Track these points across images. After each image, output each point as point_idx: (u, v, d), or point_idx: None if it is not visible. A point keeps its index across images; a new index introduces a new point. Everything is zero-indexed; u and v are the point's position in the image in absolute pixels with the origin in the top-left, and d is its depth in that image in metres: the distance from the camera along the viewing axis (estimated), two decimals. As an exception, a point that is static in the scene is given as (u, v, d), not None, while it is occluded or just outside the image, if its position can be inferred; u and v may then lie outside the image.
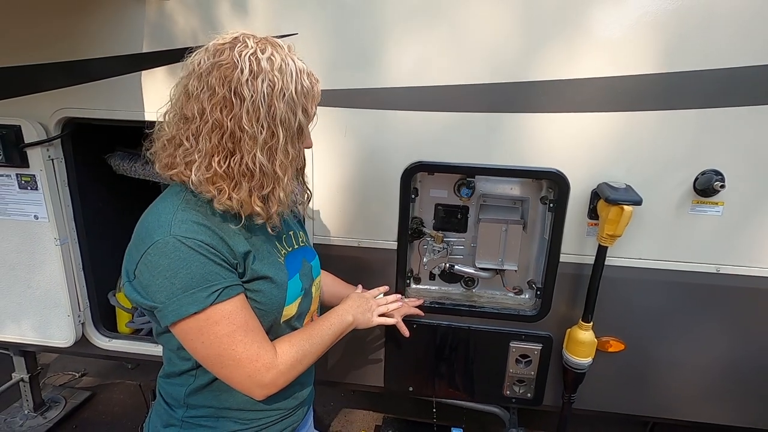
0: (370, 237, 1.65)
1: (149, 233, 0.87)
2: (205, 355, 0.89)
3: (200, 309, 0.85)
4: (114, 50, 1.59)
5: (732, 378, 1.65)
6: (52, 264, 1.83)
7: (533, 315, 1.65)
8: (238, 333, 0.88)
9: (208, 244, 0.86)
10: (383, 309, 1.22)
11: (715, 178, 1.40)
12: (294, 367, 0.97)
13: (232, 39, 0.88)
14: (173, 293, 0.84)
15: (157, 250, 0.84)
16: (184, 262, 0.84)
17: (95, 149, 1.96)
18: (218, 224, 0.90)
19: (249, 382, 0.92)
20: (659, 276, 1.54)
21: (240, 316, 0.89)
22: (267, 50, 0.87)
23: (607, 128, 1.43)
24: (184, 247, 0.84)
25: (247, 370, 0.90)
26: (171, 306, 0.85)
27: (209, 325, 0.86)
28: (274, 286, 0.97)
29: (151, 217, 0.90)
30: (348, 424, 2.57)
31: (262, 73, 0.84)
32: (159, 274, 0.84)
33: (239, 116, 0.84)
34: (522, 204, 1.65)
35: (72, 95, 1.66)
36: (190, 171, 0.87)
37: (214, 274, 0.86)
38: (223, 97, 0.84)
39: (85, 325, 1.96)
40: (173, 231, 0.85)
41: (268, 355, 0.92)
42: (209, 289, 0.85)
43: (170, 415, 1.04)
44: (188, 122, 0.87)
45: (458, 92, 1.46)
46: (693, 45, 1.34)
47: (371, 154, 1.56)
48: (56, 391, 2.74)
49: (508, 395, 1.77)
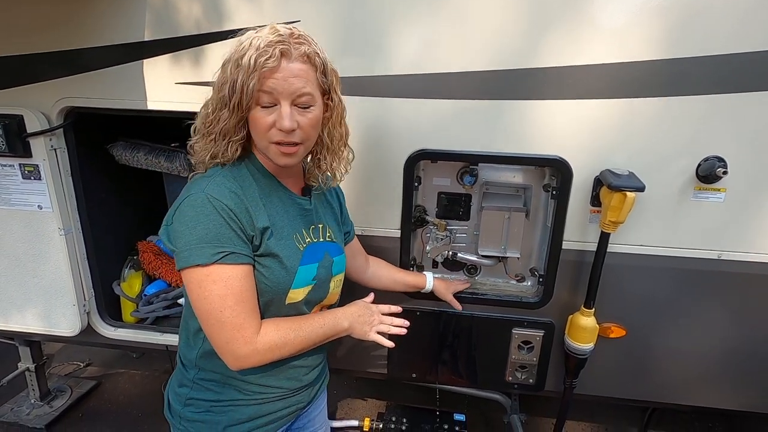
0: (374, 225, 1.66)
1: (189, 188, 0.99)
2: (198, 308, 0.97)
3: (204, 263, 0.92)
4: (116, 38, 1.58)
5: (731, 363, 1.66)
6: (57, 254, 1.84)
7: (535, 302, 1.67)
8: (229, 298, 0.94)
9: (232, 210, 0.94)
10: (384, 328, 1.16)
11: (717, 164, 1.40)
12: (272, 350, 1.00)
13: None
14: (189, 242, 0.93)
15: (189, 202, 0.95)
16: (206, 218, 0.93)
17: (98, 139, 1.96)
18: (249, 196, 0.99)
19: (226, 347, 0.97)
20: (661, 262, 1.55)
21: (237, 284, 0.95)
22: (247, 34, 0.96)
23: (610, 115, 1.43)
24: (209, 206, 0.93)
25: (227, 336, 0.96)
26: (183, 253, 0.94)
27: (208, 281, 0.94)
28: (283, 267, 1.02)
29: (197, 178, 1.02)
30: (351, 411, 2.60)
31: (229, 53, 0.96)
32: (183, 223, 0.94)
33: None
34: (525, 191, 1.65)
35: (74, 84, 1.66)
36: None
37: (226, 237, 0.94)
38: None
39: (90, 314, 1.97)
40: (207, 189, 0.95)
41: (250, 330, 0.97)
42: (217, 248, 0.93)
43: (183, 375, 1.12)
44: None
45: (461, 79, 1.46)
46: (696, 30, 1.34)
47: (374, 142, 1.56)
48: (62, 381, 2.77)
49: (510, 381, 1.79)
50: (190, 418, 1.09)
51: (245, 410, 1.09)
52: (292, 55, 0.93)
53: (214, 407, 1.08)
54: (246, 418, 1.09)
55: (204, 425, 1.08)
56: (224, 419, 1.08)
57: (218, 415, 1.08)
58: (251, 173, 1.04)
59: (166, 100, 1.61)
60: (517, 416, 2.04)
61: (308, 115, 0.98)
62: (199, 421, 1.08)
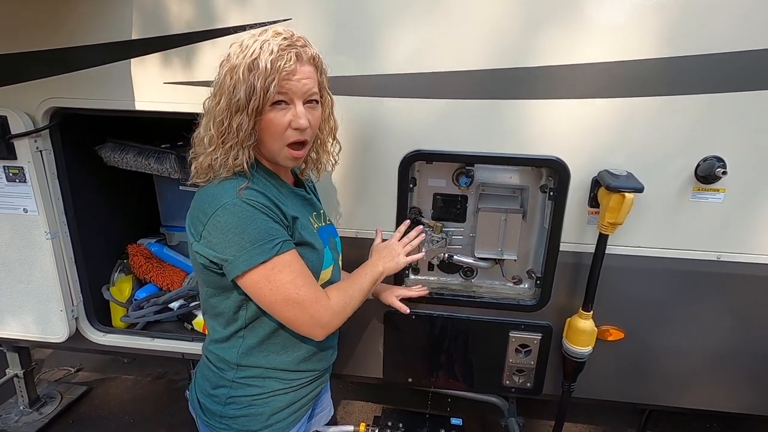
0: (368, 228, 1.63)
1: (215, 199, 0.99)
2: (273, 300, 1.01)
3: (267, 258, 0.97)
4: (102, 37, 1.54)
5: (730, 365, 1.65)
6: (44, 258, 1.79)
7: (533, 305, 1.64)
8: (299, 279, 1.02)
9: (267, 206, 1.00)
10: (408, 248, 1.33)
11: (717, 164, 1.38)
12: (344, 309, 1.11)
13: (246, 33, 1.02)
14: (243, 246, 0.96)
15: (225, 210, 0.97)
16: (251, 219, 0.97)
17: (86, 140, 1.92)
18: (272, 193, 1.05)
19: (312, 321, 1.05)
20: (660, 264, 1.53)
21: (298, 265, 1.03)
22: (246, 38, 0.98)
23: (607, 115, 1.41)
24: (249, 208, 0.97)
25: (310, 311, 1.03)
26: (242, 257, 0.97)
27: (275, 273, 0.99)
28: (314, 252, 1.11)
29: (213, 189, 1.02)
30: (347, 415, 2.57)
31: (229, 56, 0.99)
32: (229, 231, 0.96)
33: (210, 95, 1.03)
34: (521, 193, 1.63)
35: (60, 84, 1.61)
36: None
37: (275, 229, 1.00)
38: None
39: (78, 319, 1.93)
40: (239, 194, 0.98)
41: (323, 299, 1.06)
42: (273, 242, 0.99)
43: (220, 377, 1.15)
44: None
45: (456, 79, 1.43)
46: (695, 29, 1.32)
47: (368, 142, 1.53)
48: (52, 387, 2.72)
49: (508, 385, 1.77)
50: (233, 415, 1.14)
51: (284, 398, 1.17)
52: (304, 59, 1.00)
53: (257, 400, 1.14)
54: (285, 405, 1.17)
55: (248, 419, 1.14)
56: (267, 410, 1.15)
57: (261, 407, 1.14)
58: (260, 175, 1.09)
59: (155, 101, 1.58)
60: (514, 419, 2.02)
61: (315, 113, 1.06)
62: (243, 416, 1.14)
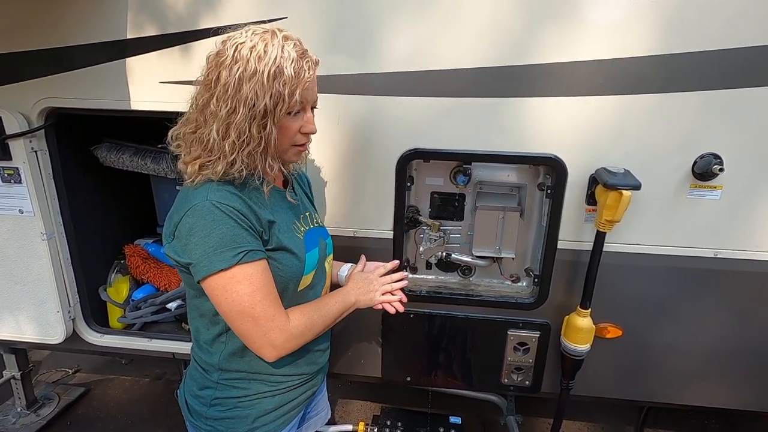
0: (366, 226, 1.63)
1: (189, 199, 0.97)
2: (228, 310, 0.99)
3: (227, 266, 0.94)
4: (98, 36, 1.53)
5: (728, 362, 1.65)
6: (40, 259, 1.78)
7: (531, 303, 1.64)
8: (257, 293, 0.97)
9: (239, 210, 0.96)
10: (387, 288, 1.22)
11: (714, 161, 1.38)
12: (303, 334, 1.06)
13: (241, 32, 0.97)
14: (206, 251, 0.94)
15: (194, 212, 0.95)
16: (218, 224, 0.94)
17: (82, 140, 1.91)
18: (249, 195, 1.01)
19: (264, 340, 1.01)
20: (657, 261, 1.53)
21: (260, 279, 0.98)
22: (254, 40, 0.94)
23: (605, 112, 1.41)
24: (218, 211, 0.94)
25: (263, 329, 0.99)
26: (203, 262, 0.95)
27: (233, 283, 0.96)
28: (294, 256, 1.07)
29: (191, 191, 1.00)
30: (346, 415, 2.57)
31: (241, 59, 0.93)
32: (195, 233, 0.94)
33: (211, 95, 0.95)
34: (519, 191, 1.63)
35: (55, 84, 1.61)
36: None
37: (241, 237, 0.96)
38: (208, 80, 0.97)
39: (75, 321, 1.92)
40: (210, 196, 0.95)
41: (282, 319, 1.01)
42: (236, 250, 0.95)
43: (206, 378, 1.13)
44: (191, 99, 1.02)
45: (453, 77, 1.43)
46: (691, 26, 1.32)
47: (365, 141, 1.53)
48: (49, 388, 2.70)
49: (506, 383, 1.77)
50: (218, 416, 1.12)
51: (272, 400, 1.14)
52: (315, 66, 1.01)
53: (242, 402, 1.12)
54: (273, 408, 1.14)
55: (233, 421, 1.12)
56: (253, 412, 1.12)
57: (246, 409, 1.12)
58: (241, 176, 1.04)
59: (151, 100, 1.57)
60: (513, 417, 2.02)
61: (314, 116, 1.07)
62: (228, 417, 1.12)
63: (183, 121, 1.03)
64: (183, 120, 1.03)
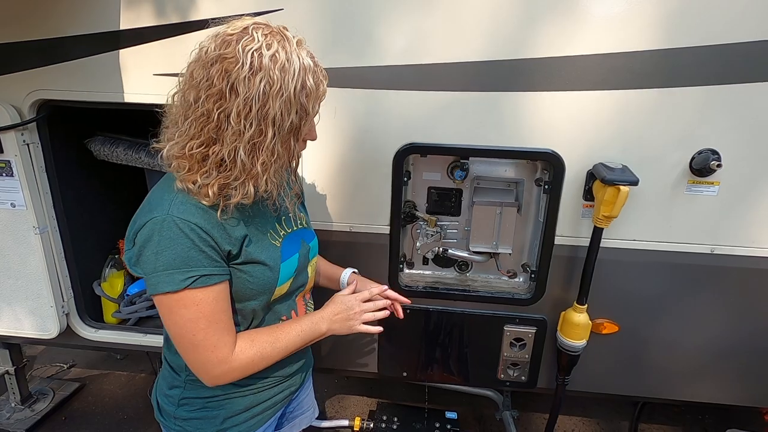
0: (362, 221, 1.62)
1: (152, 207, 0.91)
2: (171, 332, 0.95)
3: (173, 290, 0.89)
4: (90, 27, 1.51)
5: (723, 358, 1.66)
6: (33, 253, 1.76)
7: (528, 298, 1.64)
8: (202, 321, 0.92)
9: (202, 228, 0.89)
10: (369, 317, 1.11)
11: (711, 157, 1.38)
12: (247, 367, 0.99)
13: (242, 30, 0.86)
14: (155, 269, 0.89)
15: (152, 225, 0.88)
16: (172, 243, 0.87)
17: (75, 133, 1.89)
18: (222, 208, 0.92)
19: (200, 368, 0.96)
20: (654, 257, 1.53)
21: (209, 306, 0.92)
22: (273, 46, 0.85)
23: (603, 107, 1.40)
24: (176, 228, 0.87)
25: (201, 357, 0.95)
26: (151, 280, 0.90)
27: (178, 306, 0.91)
28: (267, 268, 1.00)
29: (159, 192, 0.94)
30: (342, 410, 2.57)
31: (262, 70, 0.84)
32: (149, 248, 0.89)
33: (229, 110, 0.84)
34: (516, 186, 1.62)
35: (47, 76, 1.58)
36: (166, 147, 0.91)
37: (195, 260, 0.89)
38: (219, 90, 0.84)
39: (69, 315, 1.91)
40: (171, 210, 0.88)
41: (225, 350, 0.95)
42: (187, 274, 0.88)
43: (174, 377, 1.10)
44: (185, 104, 0.89)
45: (451, 71, 1.41)
46: (690, 21, 1.31)
47: (362, 135, 1.51)
48: (44, 383, 2.69)
49: (503, 378, 1.77)
50: (186, 416, 1.09)
51: (242, 401, 1.10)
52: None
53: (210, 403, 1.08)
54: (243, 409, 1.10)
55: (202, 421, 1.08)
56: (222, 413, 1.09)
57: (215, 410, 1.08)
58: (270, 195, 0.98)
59: (145, 93, 1.55)
60: (509, 413, 2.03)
61: None
62: (196, 418, 1.08)
63: (179, 136, 0.89)
64: (178, 134, 0.89)
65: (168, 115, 0.94)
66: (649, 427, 2.45)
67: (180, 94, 0.91)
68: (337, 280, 1.33)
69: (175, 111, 0.92)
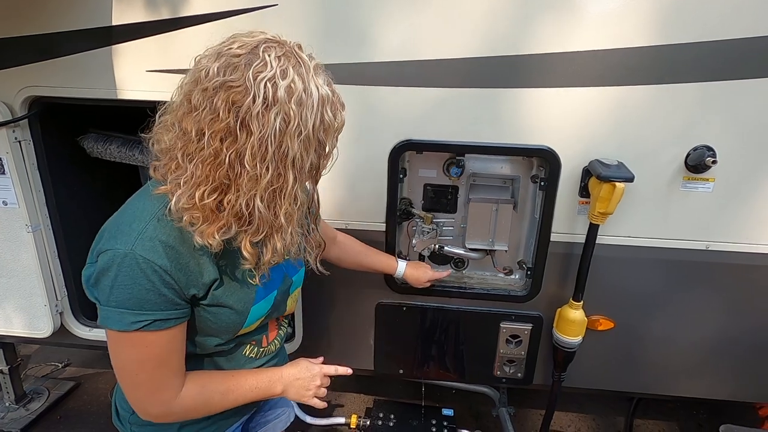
0: (358, 219, 1.61)
1: (116, 234, 0.81)
2: (113, 363, 0.87)
3: (122, 330, 0.81)
4: (82, 23, 1.49)
5: (718, 354, 1.67)
6: (25, 252, 1.75)
7: (524, 295, 1.64)
8: (148, 363, 0.85)
9: (167, 270, 0.80)
10: (323, 393, 1.07)
11: (707, 153, 1.38)
12: (189, 413, 0.93)
13: (251, 51, 0.75)
14: (107, 302, 0.81)
15: (113, 257, 0.79)
16: (129, 281, 0.79)
17: (68, 130, 1.87)
18: (191, 246, 0.82)
19: (137, 404, 0.90)
20: (649, 254, 1.54)
21: (158, 349, 0.84)
22: (288, 73, 0.74)
23: (598, 103, 1.40)
24: (136, 268, 0.78)
25: (140, 395, 0.88)
26: (102, 311, 0.82)
27: (125, 345, 0.83)
28: (234, 312, 0.92)
29: (128, 215, 0.84)
30: (339, 408, 2.57)
31: (278, 104, 0.73)
32: (105, 279, 0.80)
33: (242, 151, 0.74)
34: (512, 183, 1.62)
35: (38, 72, 1.56)
36: (173, 196, 0.79)
37: (152, 303, 0.81)
38: (227, 125, 0.73)
39: (63, 314, 1.89)
40: (135, 246, 0.78)
41: (168, 393, 0.88)
42: (139, 316, 0.80)
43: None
44: (185, 137, 0.77)
45: (447, 67, 1.41)
46: (685, 17, 1.31)
47: (358, 132, 1.50)
48: (39, 383, 2.67)
49: (499, 375, 1.77)
50: (142, 422, 1.00)
51: None
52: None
53: None
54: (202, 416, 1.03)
55: (155, 427, 1.01)
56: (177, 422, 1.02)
57: None
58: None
59: (138, 89, 1.53)
60: (505, 409, 2.03)
61: None
62: (150, 425, 1.00)
63: (185, 182, 0.77)
64: (184, 180, 0.77)
65: (158, 142, 0.82)
66: (644, 422, 2.46)
67: (175, 116, 0.79)
68: (383, 269, 1.36)
69: (169, 141, 0.79)
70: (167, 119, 0.81)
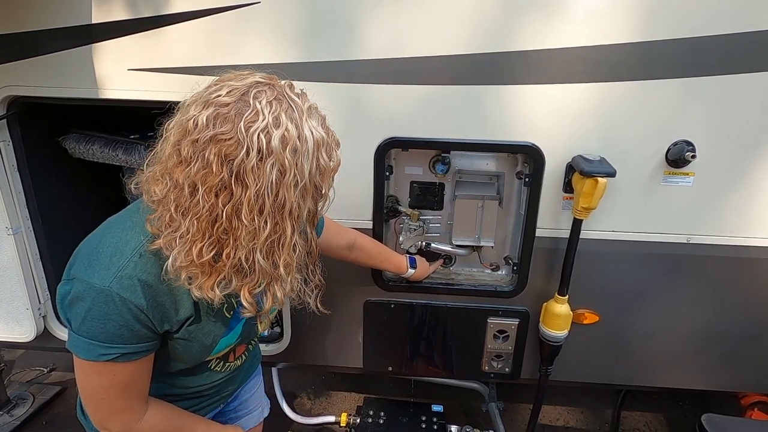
0: (344, 217, 1.60)
1: (94, 264, 0.79)
2: (78, 385, 0.88)
3: (90, 359, 0.81)
4: (61, 21, 1.46)
5: (701, 345, 1.69)
6: (6, 255, 1.71)
7: (510, 291, 1.66)
8: (113, 389, 0.86)
9: (142, 309, 0.80)
10: None
11: (686, 148, 1.40)
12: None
13: (240, 97, 0.72)
14: (78, 330, 0.80)
15: (88, 288, 0.78)
16: (102, 316, 0.78)
17: (49, 130, 1.83)
18: (170, 285, 0.81)
19: (100, 421, 0.90)
20: (632, 248, 1.56)
21: (124, 378, 0.85)
22: (281, 121, 0.72)
23: (581, 100, 1.42)
24: (111, 305, 0.78)
25: (103, 415, 0.89)
26: (72, 338, 0.83)
27: (92, 372, 0.84)
28: (202, 345, 0.94)
29: (109, 244, 0.81)
30: (329, 407, 2.57)
31: (272, 155, 0.70)
32: (78, 306, 0.80)
33: (238, 206, 0.72)
34: (498, 179, 1.63)
35: (17, 71, 1.53)
36: (169, 253, 0.77)
37: (123, 338, 0.81)
38: (221, 179, 0.71)
39: (46, 318, 1.86)
40: (113, 284, 0.77)
41: (131, 416, 0.89)
42: (109, 349, 0.80)
43: None
44: (177, 190, 0.74)
45: (432, 64, 1.41)
46: (666, 13, 1.33)
47: (343, 130, 1.46)
48: (23, 388, 2.63)
49: (487, 371, 1.79)
50: None
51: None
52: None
53: None
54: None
55: None
56: None
57: None
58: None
59: (119, 88, 1.51)
60: (494, 404, 2.05)
61: None
62: None
63: (181, 240, 0.75)
64: (180, 237, 0.75)
65: (148, 192, 0.79)
66: (631, 414, 2.50)
67: (164, 165, 0.75)
68: (393, 272, 1.46)
69: (161, 192, 0.76)
70: (156, 170, 0.78)
